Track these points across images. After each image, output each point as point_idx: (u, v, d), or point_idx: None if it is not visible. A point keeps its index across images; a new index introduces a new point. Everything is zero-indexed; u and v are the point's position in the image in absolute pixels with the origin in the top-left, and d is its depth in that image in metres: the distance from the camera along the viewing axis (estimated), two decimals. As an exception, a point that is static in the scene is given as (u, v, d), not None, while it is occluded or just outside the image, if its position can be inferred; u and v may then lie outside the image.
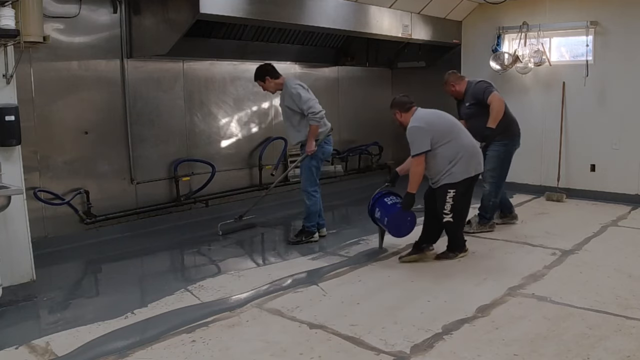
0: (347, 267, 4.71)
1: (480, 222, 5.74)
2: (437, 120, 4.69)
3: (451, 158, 4.52)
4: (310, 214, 5.46)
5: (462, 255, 4.88)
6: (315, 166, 5.41)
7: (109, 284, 4.67)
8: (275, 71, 5.40)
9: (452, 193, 4.56)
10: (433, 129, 4.54)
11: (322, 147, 5.38)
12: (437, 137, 4.52)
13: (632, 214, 6.50)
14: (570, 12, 7.25)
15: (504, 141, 5.56)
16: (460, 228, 4.89)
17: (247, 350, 3.25)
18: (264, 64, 5.48)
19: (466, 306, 3.79)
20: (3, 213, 3.88)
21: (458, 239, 4.89)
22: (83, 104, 5.54)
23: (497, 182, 5.65)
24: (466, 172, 4.56)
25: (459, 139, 4.58)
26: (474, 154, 4.64)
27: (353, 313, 3.74)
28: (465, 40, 8.28)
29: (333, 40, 7.91)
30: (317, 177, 5.46)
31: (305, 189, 5.43)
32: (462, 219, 4.83)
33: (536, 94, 7.71)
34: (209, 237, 5.83)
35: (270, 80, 5.38)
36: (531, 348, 3.20)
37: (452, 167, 4.53)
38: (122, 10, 5.66)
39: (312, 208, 5.44)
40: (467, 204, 4.78)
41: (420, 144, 4.49)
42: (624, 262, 4.70)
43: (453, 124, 4.71)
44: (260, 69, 5.42)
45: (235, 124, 7.05)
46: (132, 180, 5.99)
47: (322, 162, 5.53)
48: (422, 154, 4.49)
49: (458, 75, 5.86)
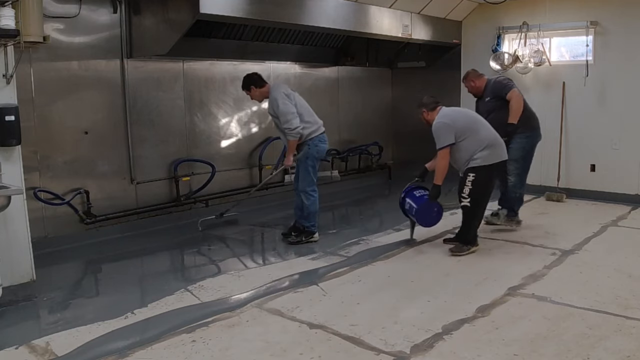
0: (347, 267, 4.71)
1: (508, 216, 5.80)
2: (459, 116, 5.08)
3: (474, 149, 4.85)
4: (309, 214, 5.45)
5: (473, 250, 5.03)
6: (311, 166, 5.39)
7: (109, 284, 4.67)
8: (260, 80, 5.41)
9: (472, 177, 4.86)
10: (456, 124, 4.92)
11: (316, 146, 5.36)
12: (460, 132, 4.88)
13: (632, 214, 6.50)
14: (570, 12, 7.25)
15: (527, 133, 5.63)
16: (475, 218, 5.04)
17: (247, 350, 3.25)
18: (250, 73, 5.49)
19: (466, 306, 3.79)
20: (3, 213, 3.88)
21: (470, 228, 5.02)
22: (83, 104, 5.54)
23: (521, 173, 5.75)
24: (487, 159, 4.86)
25: (480, 132, 4.92)
26: (495, 144, 4.93)
27: (353, 313, 3.74)
28: (465, 40, 8.28)
29: (333, 40, 7.91)
30: (314, 176, 5.44)
31: (303, 189, 5.42)
32: (478, 206, 4.98)
33: (536, 94, 7.69)
34: (208, 237, 5.83)
35: (255, 89, 5.40)
36: (531, 348, 3.20)
37: (474, 156, 4.86)
38: (122, 10, 5.66)
39: (311, 208, 5.43)
40: (485, 193, 5.00)
41: (444, 138, 4.88)
42: (624, 262, 4.70)
43: (474, 119, 5.08)
44: (245, 79, 5.46)
45: (235, 124, 7.05)
46: (132, 180, 5.99)
47: (318, 161, 5.50)
48: (447, 147, 4.87)
49: (478, 72, 5.96)
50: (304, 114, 5.31)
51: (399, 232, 5.85)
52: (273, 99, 5.25)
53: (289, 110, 5.18)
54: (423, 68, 8.67)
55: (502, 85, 5.67)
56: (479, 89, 5.85)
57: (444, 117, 5.00)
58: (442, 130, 4.90)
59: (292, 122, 5.16)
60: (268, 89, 5.38)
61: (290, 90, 5.42)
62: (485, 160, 4.84)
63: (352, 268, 4.69)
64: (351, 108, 8.64)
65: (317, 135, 5.35)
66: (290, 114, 5.17)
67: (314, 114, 5.42)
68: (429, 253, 5.14)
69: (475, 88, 5.88)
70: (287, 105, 5.21)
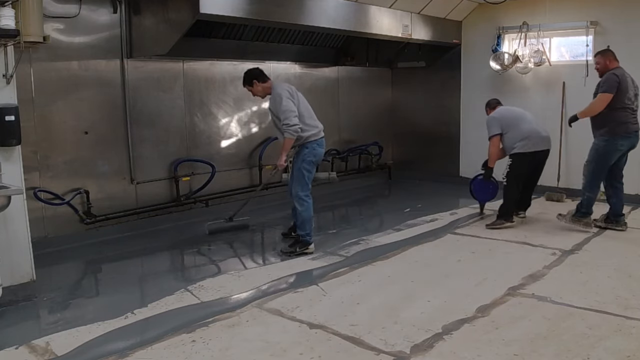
0: (347, 267, 4.71)
1: (575, 215, 5.69)
2: (507, 113, 6.15)
3: (516, 140, 5.90)
4: (303, 221, 5.17)
5: (508, 225, 5.87)
6: (307, 170, 5.16)
7: (109, 284, 4.67)
8: (263, 75, 5.23)
9: (510, 161, 5.94)
10: (502, 119, 6.05)
11: (314, 150, 5.18)
12: (505, 125, 6.00)
13: (632, 214, 6.50)
14: (570, 12, 7.26)
15: (605, 137, 5.50)
16: (512, 195, 5.97)
17: (247, 350, 3.25)
18: (252, 68, 5.31)
19: (466, 306, 3.79)
20: (3, 213, 3.88)
21: (507, 205, 5.96)
22: (83, 104, 5.54)
23: (591, 176, 5.61)
24: (523, 148, 5.86)
25: (521, 126, 5.96)
26: (532, 136, 5.90)
27: (353, 313, 3.74)
28: (465, 40, 8.29)
29: (333, 40, 7.91)
30: (309, 181, 5.20)
31: (296, 194, 5.16)
32: (513, 186, 5.93)
33: (536, 94, 7.71)
34: (208, 237, 5.83)
35: (257, 84, 5.21)
36: (531, 348, 3.20)
37: (514, 145, 5.90)
38: (122, 10, 5.66)
39: (304, 214, 5.15)
40: (520, 175, 5.92)
41: (491, 129, 6.04)
42: (624, 262, 4.70)
43: (519, 116, 6.10)
44: (247, 74, 5.27)
45: (235, 124, 7.05)
46: (132, 180, 5.99)
47: (315, 165, 5.27)
48: (494, 136, 6.01)
49: (613, 56, 5.57)
50: (305, 116, 5.15)
51: (399, 232, 5.86)
52: (277, 95, 5.10)
53: (290, 107, 5.02)
54: (423, 68, 8.67)
55: (603, 82, 5.44)
56: (602, 71, 5.55)
57: (495, 113, 6.17)
58: (491, 123, 6.08)
59: (291, 119, 4.97)
60: (271, 84, 5.22)
61: (295, 90, 5.26)
62: (521, 148, 5.85)
63: (352, 268, 4.69)
64: (351, 108, 8.64)
65: (316, 139, 5.18)
66: (291, 111, 5.01)
67: (315, 118, 5.27)
68: (429, 253, 5.14)
69: (601, 68, 5.56)
70: (290, 103, 5.05)
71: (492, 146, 6.05)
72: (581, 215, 5.68)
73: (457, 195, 8.01)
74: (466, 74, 8.39)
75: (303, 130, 5.09)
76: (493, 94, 8.04)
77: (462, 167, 8.59)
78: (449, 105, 8.61)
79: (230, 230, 5.99)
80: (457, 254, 5.06)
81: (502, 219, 5.90)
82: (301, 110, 5.14)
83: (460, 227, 6.04)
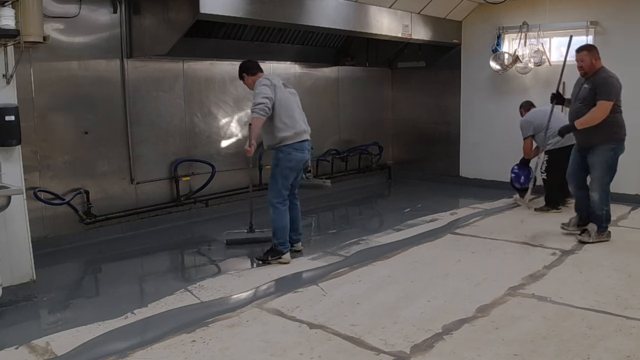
0: (347, 267, 4.71)
1: (598, 231, 5.28)
2: (538, 114, 6.54)
3: (548, 138, 6.23)
4: (276, 230, 4.80)
5: (554, 211, 6.47)
6: (281, 175, 4.75)
7: (109, 284, 4.67)
8: (253, 68, 4.89)
9: (546, 157, 6.43)
10: (535, 121, 6.54)
11: (289, 154, 4.72)
12: (537, 126, 6.47)
13: (632, 214, 6.50)
14: (570, 12, 7.25)
15: (612, 145, 5.16)
16: (553, 187, 6.53)
17: (247, 350, 3.25)
18: (245, 60, 5.03)
19: (466, 306, 3.79)
20: (3, 213, 3.88)
21: (551, 195, 6.60)
22: (83, 104, 5.54)
23: (604, 191, 5.25)
24: (556, 145, 6.25)
25: (552, 126, 6.11)
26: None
27: (353, 313, 3.74)
28: (465, 40, 8.28)
29: (333, 40, 7.91)
30: (282, 187, 4.76)
31: (269, 199, 4.82)
32: (553, 179, 6.48)
33: (536, 94, 7.69)
34: (209, 237, 5.82)
35: (247, 77, 4.89)
36: (531, 348, 3.20)
37: (549, 142, 6.27)
38: (122, 10, 5.66)
39: (277, 222, 4.78)
40: (557, 169, 6.26)
41: (524, 131, 6.67)
42: (624, 262, 4.70)
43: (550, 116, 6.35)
44: (239, 67, 4.98)
45: (235, 124, 7.05)
46: (132, 180, 5.99)
47: (290, 170, 4.77)
48: (527, 138, 6.66)
49: (598, 53, 5.24)
50: (282, 113, 4.67)
51: (399, 232, 5.85)
52: (256, 84, 4.71)
53: (263, 91, 4.60)
54: (423, 68, 8.67)
55: (602, 87, 5.11)
56: (587, 70, 5.19)
57: (528, 115, 6.74)
58: (523, 125, 6.68)
59: (258, 99, 4.57)
60: (260, 77, 4.81)
61: (281, 84, 4.80)
62: (554, 145, 6.26)
63: (352, 268, 4.69)
64: (351, 108, 8.64)
65: (292, 142, 4.70)
66: (263, 94, 4.59)
67: (297, 119, 4.78)
68: (429, 253, 5.14)
69: (585, 66, 5.18)
70: (266, 88, 4.63)
71: (525, 146, 6.69)
72: (603, 229, 5.34)
73: (457, 195, 8.03)
74: (466, 74, 8.39)
75: (278, 129, 4.68)
76: (493, 94, 8.09)
77: (462, 167, 8.59)
78: (449, 105, 8.61)
79: (252, 242, 5.50)
80: (457, 254, 5.06)
81: (549, 207, 6.57)
82: (279, 104, 4.67)
83: (460, 227, 6.04)
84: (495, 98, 8.06)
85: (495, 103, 8.07)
